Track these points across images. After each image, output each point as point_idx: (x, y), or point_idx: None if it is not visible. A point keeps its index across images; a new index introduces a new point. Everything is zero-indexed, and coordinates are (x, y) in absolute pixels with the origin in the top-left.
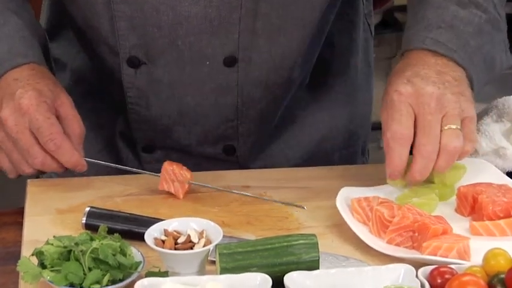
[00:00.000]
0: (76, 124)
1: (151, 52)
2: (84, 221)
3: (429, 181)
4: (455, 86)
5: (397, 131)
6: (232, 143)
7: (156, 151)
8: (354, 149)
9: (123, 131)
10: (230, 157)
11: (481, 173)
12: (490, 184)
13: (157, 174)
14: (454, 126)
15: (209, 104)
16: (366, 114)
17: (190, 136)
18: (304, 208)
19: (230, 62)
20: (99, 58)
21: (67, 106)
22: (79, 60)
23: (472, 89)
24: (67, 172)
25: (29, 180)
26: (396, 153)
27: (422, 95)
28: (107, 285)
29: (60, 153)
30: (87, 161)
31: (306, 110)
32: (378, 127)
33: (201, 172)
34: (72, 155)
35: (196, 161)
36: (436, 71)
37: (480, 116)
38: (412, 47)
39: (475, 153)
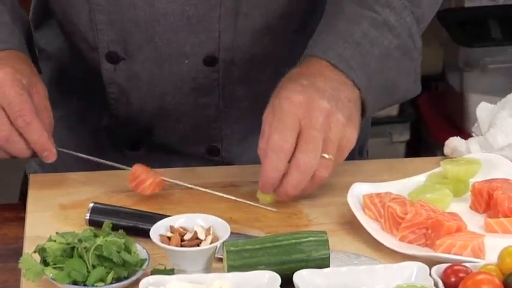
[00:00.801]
0: (46, 115)
1: (130, 48)
2: (87, 217)
3: None
4: (347, 108)
5: (278, 143)
6: (216, 144)
7: (140, 149)
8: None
9: (108, 126)
10: (215, 157)
11: (496, 168)
12: (505, 180)
13: (129, 168)
14: (327, 156)
15: (190, 103)
16: None
17: (173, 135)
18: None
19: (210, 61)
20: (79, 53)
21: (41, 96)
22: (64, 52)
23: (364, 110)
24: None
25: (31, 175)
26: (273, 164)
27: (314, 108)
28: (111, 283)
29: (29, 130)
30: (58, 150)
31: None
32: (387, 121)
33: (206, 167)
34: (41, 136)
35: (182, 159)
36: (332, 87)
37: (496, 110)
38: (314, 53)
39: (490, 148)
